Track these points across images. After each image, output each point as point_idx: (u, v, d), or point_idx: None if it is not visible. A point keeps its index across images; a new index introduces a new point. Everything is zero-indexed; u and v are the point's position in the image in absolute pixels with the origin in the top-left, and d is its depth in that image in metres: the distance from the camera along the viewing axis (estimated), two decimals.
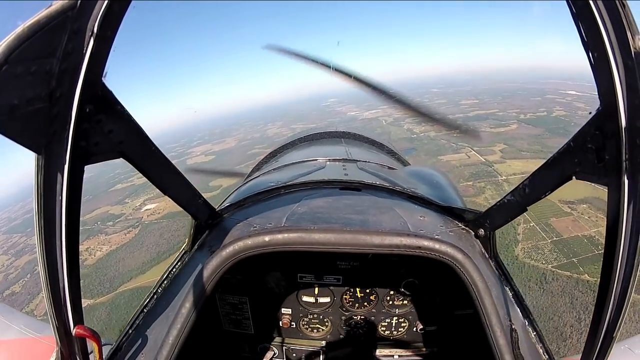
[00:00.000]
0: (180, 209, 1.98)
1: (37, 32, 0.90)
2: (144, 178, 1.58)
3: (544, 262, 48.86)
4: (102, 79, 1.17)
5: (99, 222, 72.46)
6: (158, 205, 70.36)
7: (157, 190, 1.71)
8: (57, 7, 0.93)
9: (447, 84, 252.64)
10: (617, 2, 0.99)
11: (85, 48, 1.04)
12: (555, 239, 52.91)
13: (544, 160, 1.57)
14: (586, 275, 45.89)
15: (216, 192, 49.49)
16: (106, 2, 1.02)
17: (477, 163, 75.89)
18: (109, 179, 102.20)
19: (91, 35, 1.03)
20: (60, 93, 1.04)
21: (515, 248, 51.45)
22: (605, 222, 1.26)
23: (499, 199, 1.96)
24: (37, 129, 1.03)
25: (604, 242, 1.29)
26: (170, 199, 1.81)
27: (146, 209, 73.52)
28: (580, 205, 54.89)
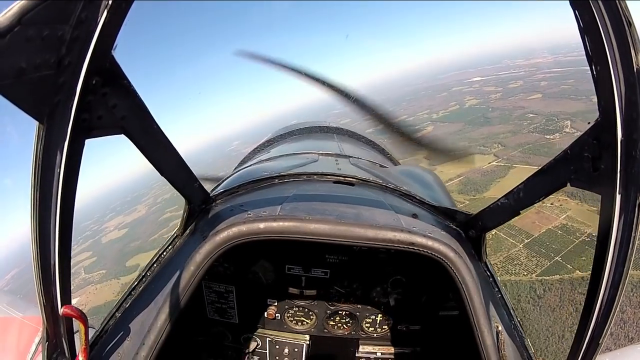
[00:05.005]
0: None
1: None
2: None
3: (525, 273, 42.45)
4: (112, 51, 1.13)
5: None
6: None
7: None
8: None
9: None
10: (623, 20, 1.02)
11: (98, 18, 1.01)
12: (526, 241, 46.12)
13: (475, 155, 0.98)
14: (577, 271, 39.36)
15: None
16: None
17: None
18: None
19: (106, 5, 1.00)
20: (69, 61, 1.01)
21: None
22: (597, 230, 1.31)
23: (492, 202, 1.99)
24: (42, 96, 1.00)
25: (578, 228, 1.32)
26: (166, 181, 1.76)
27: None
28: None
